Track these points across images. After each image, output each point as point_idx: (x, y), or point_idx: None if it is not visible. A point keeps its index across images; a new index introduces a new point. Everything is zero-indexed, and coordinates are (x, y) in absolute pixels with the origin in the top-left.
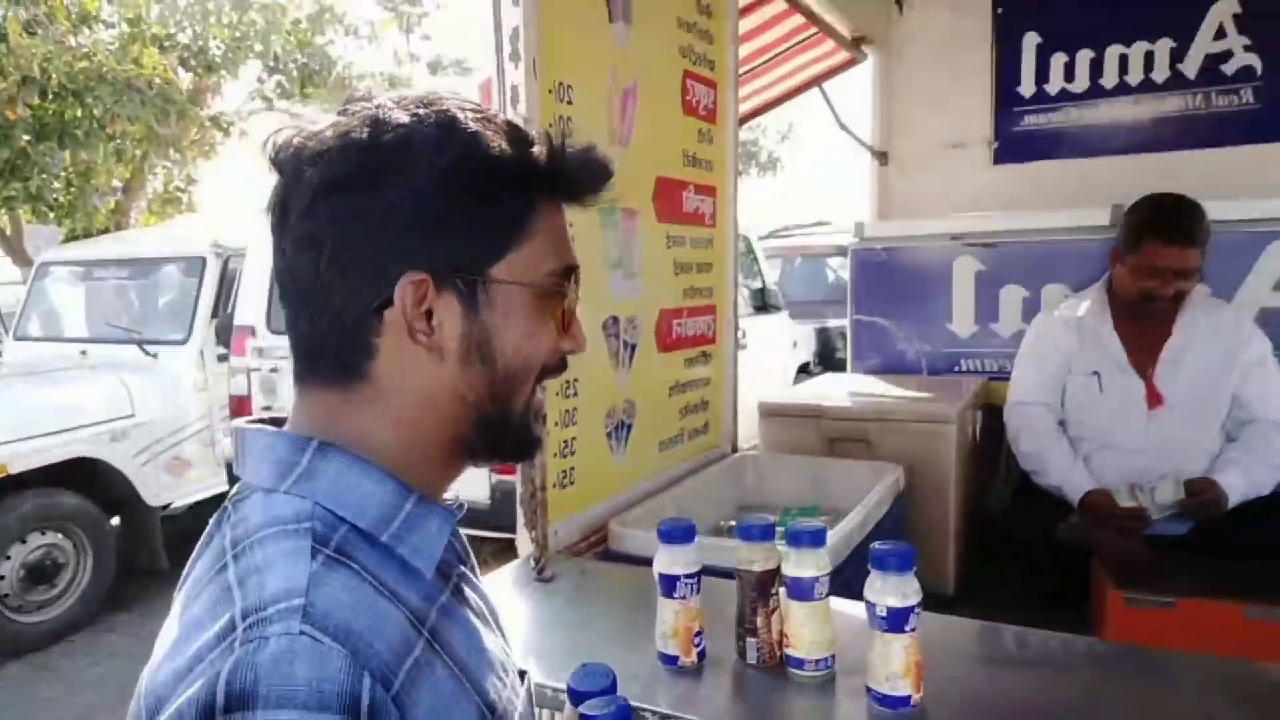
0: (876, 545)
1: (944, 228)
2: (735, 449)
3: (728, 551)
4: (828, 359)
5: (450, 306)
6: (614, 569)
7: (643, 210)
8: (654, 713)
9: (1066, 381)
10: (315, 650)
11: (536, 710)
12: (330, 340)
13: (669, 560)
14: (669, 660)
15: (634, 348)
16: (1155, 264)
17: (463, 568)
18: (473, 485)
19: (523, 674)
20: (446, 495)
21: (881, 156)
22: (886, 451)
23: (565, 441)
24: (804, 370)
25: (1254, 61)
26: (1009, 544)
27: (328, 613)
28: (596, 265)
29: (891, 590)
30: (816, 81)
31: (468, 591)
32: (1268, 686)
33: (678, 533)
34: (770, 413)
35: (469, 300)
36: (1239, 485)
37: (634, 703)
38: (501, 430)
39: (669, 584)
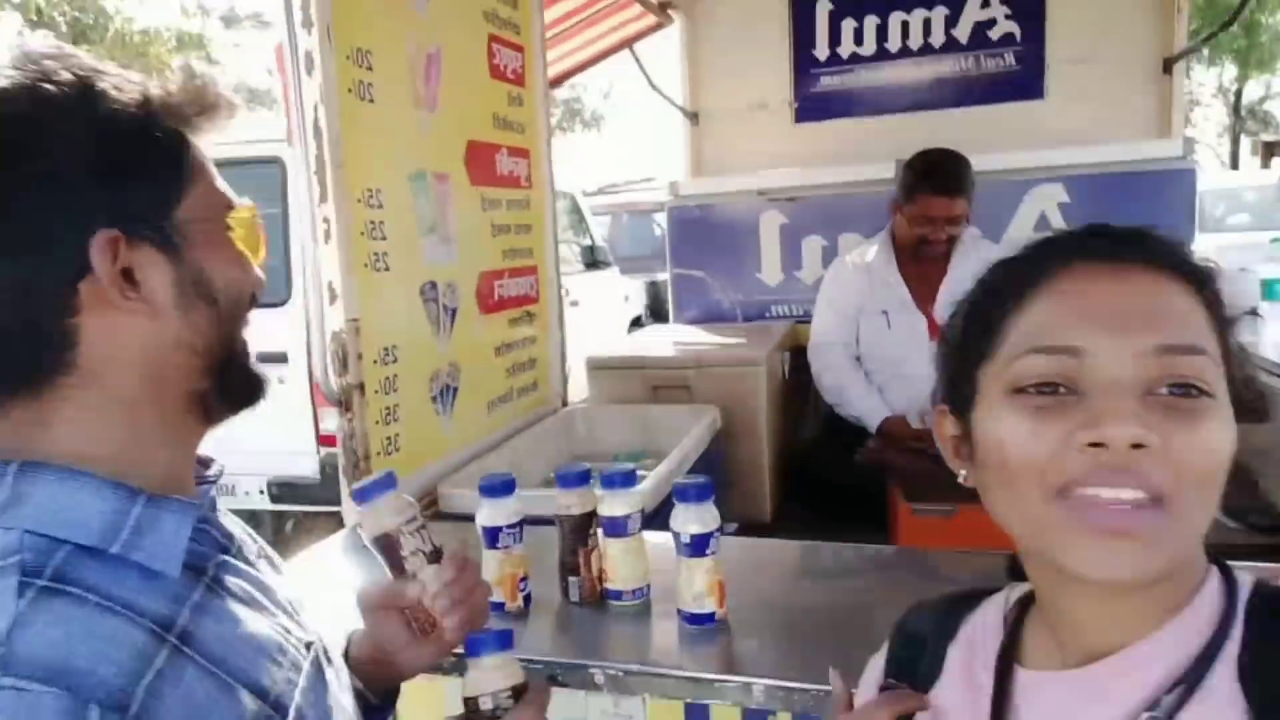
0: (679, 480)
1: (750, 184)
2: (565, 404)
3: (549, 500)
4: (658, 312)
5: (149, 256)
6: (442, 527)
7: (455, 174)
8: None
9: (859, 321)
10: (21, 701)
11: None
12: (14, 341)
13: (490, 513)
14: (496, 607)
15: (455, 312)
16: (928, 213)
17: (224, 556)
18: (301, 461)
19: (309, 645)
20: (210, 471)
21: (693, 117)
22: (704, 395)
23: (387, 409)
24: (636, 324)
25: (1014, 29)
26: (818, 471)
27: (32, 656)
28: (410, 231)
29: (693, 519)
30: (627, 43)
31: (230, 580)
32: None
33: (497, 487)
34: (597, 366)
35: (167, 245)
36: None
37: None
38: (232, 372)
39: (492, 536)
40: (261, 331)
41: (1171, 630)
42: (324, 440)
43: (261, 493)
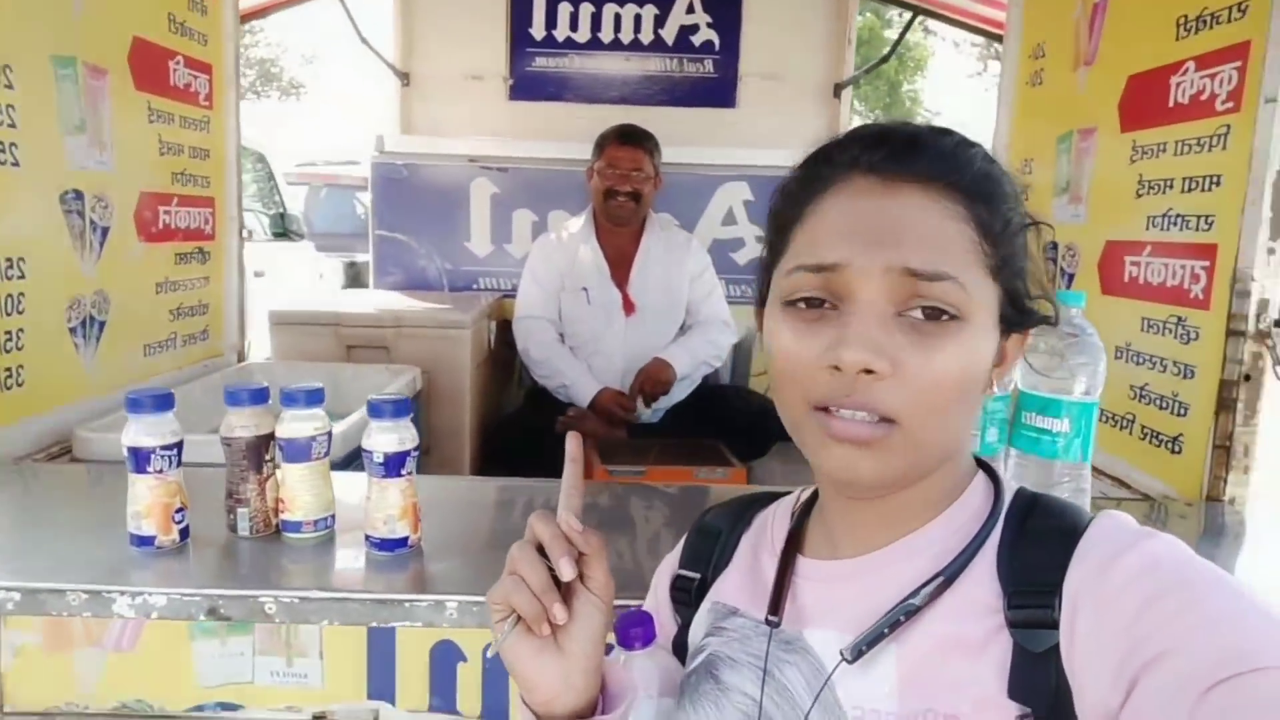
0: (373, 396)
1: (462, 148)
2: (243, 359)
3: (214, 445)
4: None
5: None
6: (76, 469)
7: (114, 70)
8: (129, 592)
9: (561, 297)
10: None
11: None
12: None
13: (139, 431)
14: (144, 541)
15: (106, 231)
16: (614, 163)
17: None
18: None
19: None
20: None
21: (404, 77)
22: (405, 357)
23: (8, 333)
24: None
25: (714, 38)
26: (520, 440)
27: None
28: (49, 125)
29: (387, 436)
30: None
31: None
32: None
33: (150, 400)
34: (282, 321)
35: None
36: (684, 360)
37: (103, 587)
38: None
39: (141, 459)
40: None
41: (934, 529)
42: None
43: None
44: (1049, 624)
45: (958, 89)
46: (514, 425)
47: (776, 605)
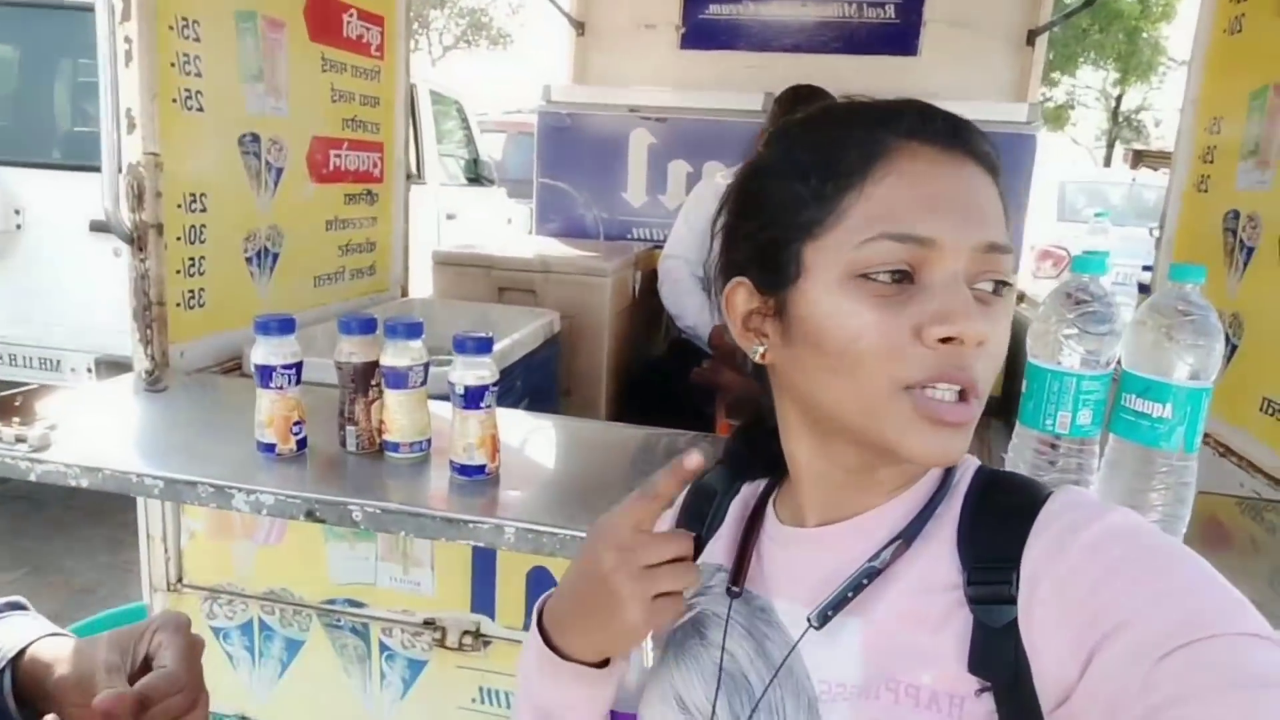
0: (458, 334)
1: (623, 98)
2: (405, 295)
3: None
4: None
5: None
6: (239, 382)
7: (291, 23)
8: (245, 490)
9: (710, 243)
10: None
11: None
12: None
13: (266, 351)
14: (267, 449)
15: (280, 171)
16: None
17: None
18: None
19: None
20: None
21: (579, 26)
22: (549, 301)
23: (192, 259)
24: None
25: None
26: (656, 387)
27: None
28: (231, 74)
29: (469, 371)
30: None
31: None
32: None
33: (274, 324)
34: (443, 262)
35: None
36: None
37: (226, 483)
38: None
39: (265, 374)
40: (91, 197)
41: (898, 502)
42: None
43: (89, 370)
44: (1007, 599)
45: None
46: (653, 372)
47: (737, 575)
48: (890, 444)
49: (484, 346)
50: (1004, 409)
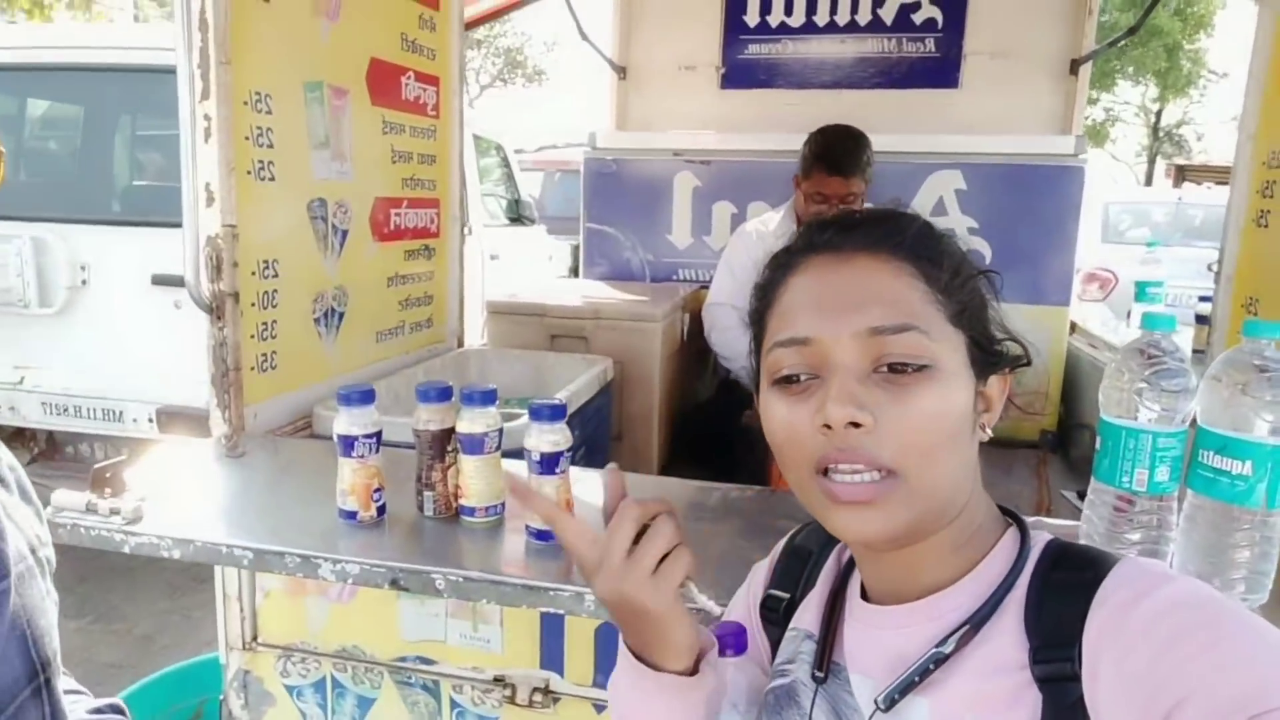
0: (534, 401)
1: (667, 143)
2: (461, 344)
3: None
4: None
5: None
6: (312, 444)
7: (354, 90)
8: (331, 560)
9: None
10: None
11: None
12: None
13: (348, 422)
14: (349, 516)
15: (345, 234)
16: (822, 190)
17: None
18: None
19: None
20: None
21: (620, 71)
22: (601, 347)
23: (264, 324)
24: None
25: (936, 15)
26: (708, 430)
27: None
28: (300, 143)
29: (544, 438)
30: None
31: None
32: None
33: (356, 395)
34: (496, 310)
35: None
36: None
37: (312, 553)
38: None
39: (348, 444)
40: (160, 253)
41: (966, 584)
42: None
43: (150, 421)
44: (1071, 676)
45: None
46: (703, 415)
47: (822, 659)
48: (824, 523)
49: (558, 414)
50: (1061, 443)
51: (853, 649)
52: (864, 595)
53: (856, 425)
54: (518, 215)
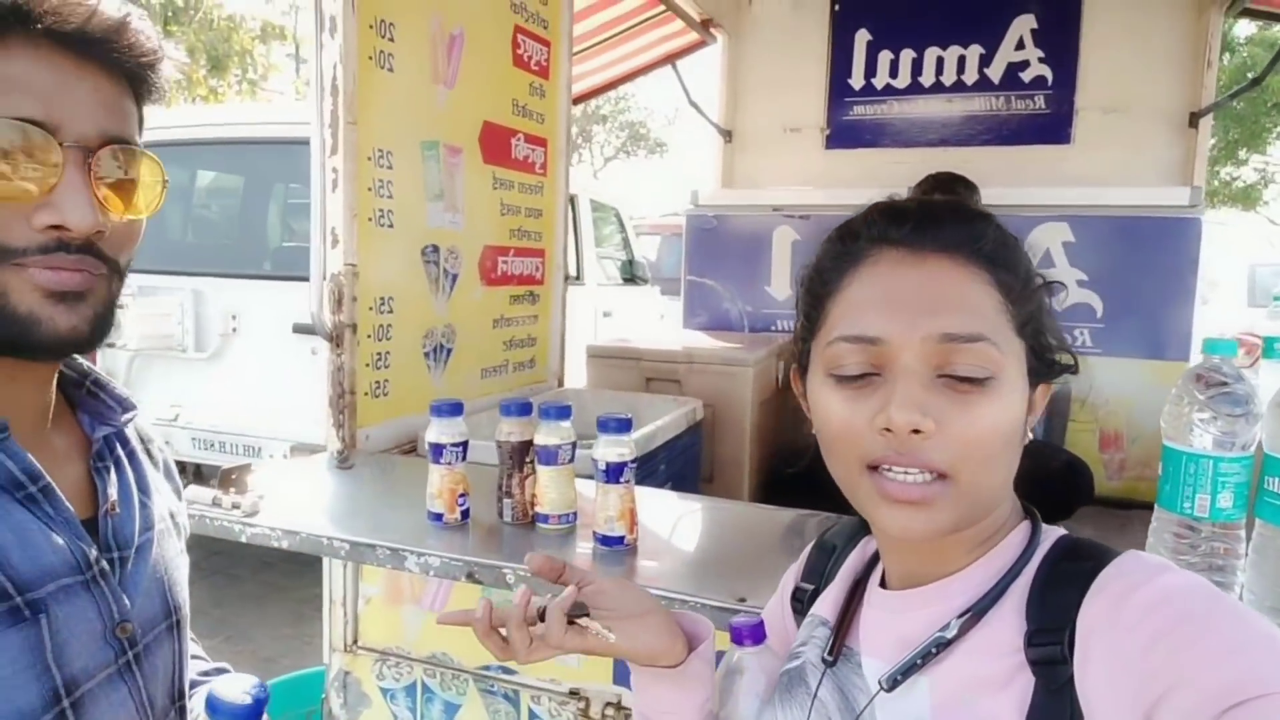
0: (601, 415)
1: (767, 199)
2: (561, 385)
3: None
4: None
5: None
6: (415, 460)
7: (467, 149)
8: (416, 553)
9: None
10: None
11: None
12: None
13: (437, 431)
14: (436, 518)
15: (455, 277)
16: None
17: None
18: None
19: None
20: (124, 416)
21: (727, 135)
22: (693, 390)
23: (379, 354)
24: None
25: (1046, 72)
26: (803, 475)
27: None
28: (417, 195)
29: (610, 449)
30: (668, 59)
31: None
32: None
33: (446, 408)
34: (595, 355)
35: None
36: None
37: (400, 546)
38: None
39: (437, 451)
40: (299, 304)
41: (973, 571)
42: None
43: (285, 456)
44: (1060, 659)
45: None
46: (797, 462)
47: (835, 638)
48: (868, 517)
49: (624, 426)
50: None
51: (866, 633)
52: (883, 583)
53: (917, 432)
54: (632, 275)
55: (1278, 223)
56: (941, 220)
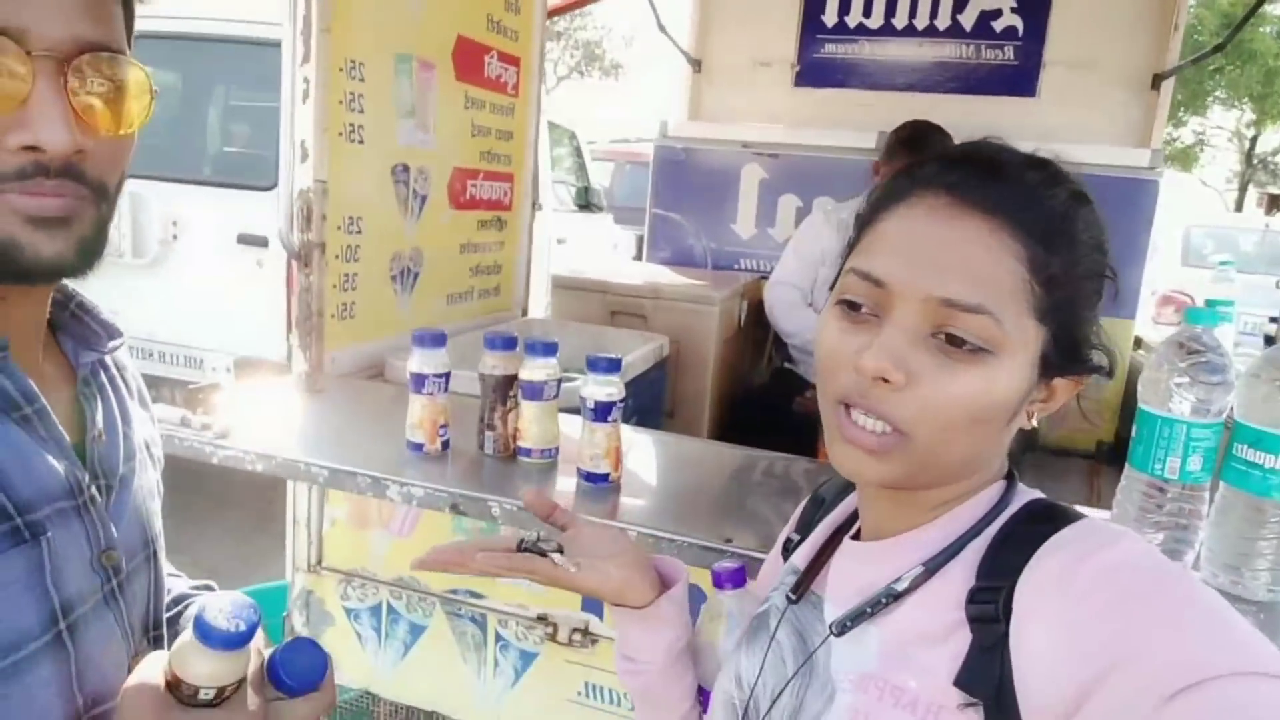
0: (590, 354)
1: (736, 134)
2: (525, 314)
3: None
4: None
5: None
6: (385, 387)
7: (440, 64)
8: (399, 482)
9: (819, 271)
10: None
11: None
12: None
13: (420, 361)
14: (416, 448)
15: (424, 199)
16: None
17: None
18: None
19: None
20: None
21: (696, 64)
22: (659, 326)
23: (346, 275)
24: None
25: (1017, 23)
26: (762, 413)
27: None
28: (388, 111)
29: (600, 388)
30: None
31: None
32: None
33: (429, 338)
34: (560, 285)
35: None
36: None
37: (382, 475)
38: None
39: (419, 381)
40: (246, 214)
41: (937, 526)
42: None
43: (228, 370)
44: (994, 618)
45: None
46: (756, 400)
47: (800, 584)
48: (829, 450)
49: (614, 366)
50: (1115, 456)
51: (832, 580)
52: (858, 535)
53: (886, 381)
54: (586, 202)
55: (1210, 185)
56: (999, 175)
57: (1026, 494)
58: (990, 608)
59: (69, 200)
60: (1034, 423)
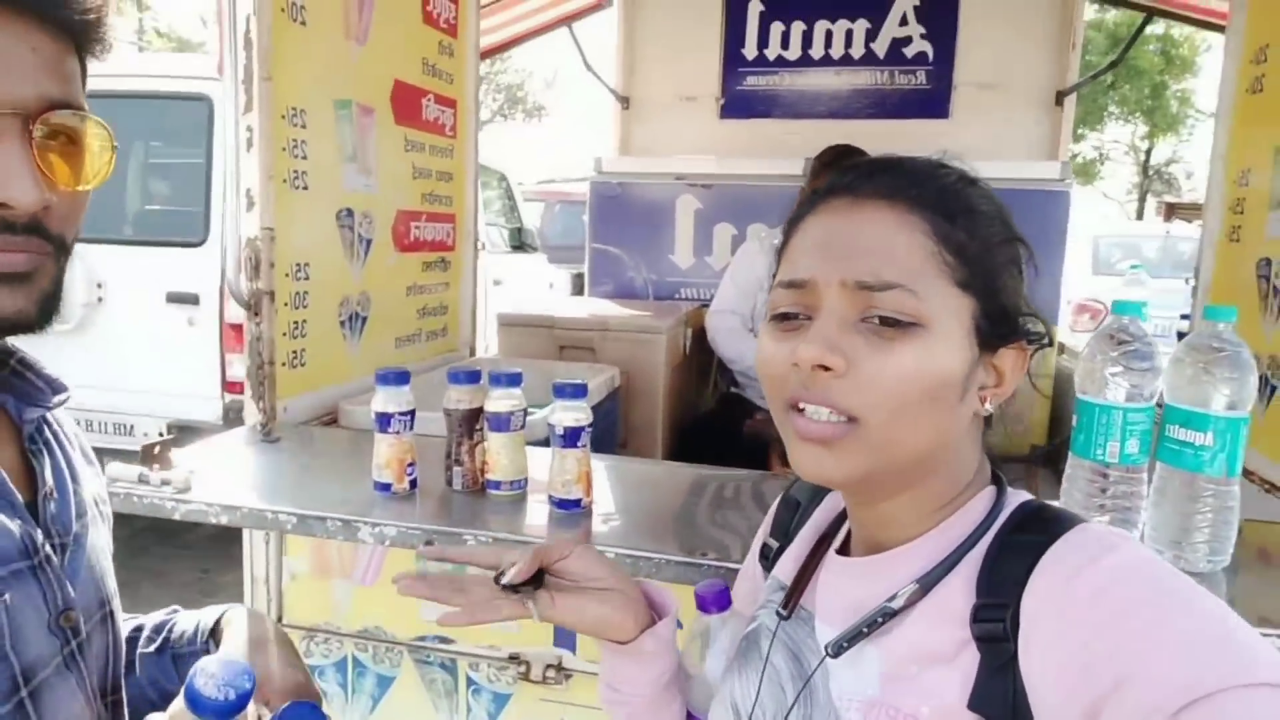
0: (557, 380)
1: (670, 168)
2: (473, 354)
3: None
4: None
5: None
6: (341, 432)
7: (379, 109)
8: (370, 523)
9: (757, 298)
10: None
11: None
12: None
13: (384, 400)
14: (384, 488)
15: (370, 243)
16: None
17: None
18: (204, 406)
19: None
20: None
21: (624, 101)
22: (608, 358)
23: (295, 323)
24: None
25: (927, 49)
26: (712, 439)
27: None
28: (331, 156)
29: (568, 413)
30: (565, 20)
31: None
32: None
33: (392, 376)
34: (507, 323)
35: None
36: None
37: (352, 517)
38: None
39: (384, 421)
40: (175, 272)
41: (928, 539)
42: (229, 387)
43: (160, 435)
44: (1003, 637)
45: None
46: (705, 425)
47: (789, 597)
48: (790, 458)
49: (580, 392)
50: (1049, 459)
51: (821, 597)
52: (845, 548)
53: (826, 369)
54: (520, 243)
55: (1112, 198)
56: (889, 167)
57: (1016, 497)
58: (998, 626)
59: (33, 256)
60: (989, 407)
